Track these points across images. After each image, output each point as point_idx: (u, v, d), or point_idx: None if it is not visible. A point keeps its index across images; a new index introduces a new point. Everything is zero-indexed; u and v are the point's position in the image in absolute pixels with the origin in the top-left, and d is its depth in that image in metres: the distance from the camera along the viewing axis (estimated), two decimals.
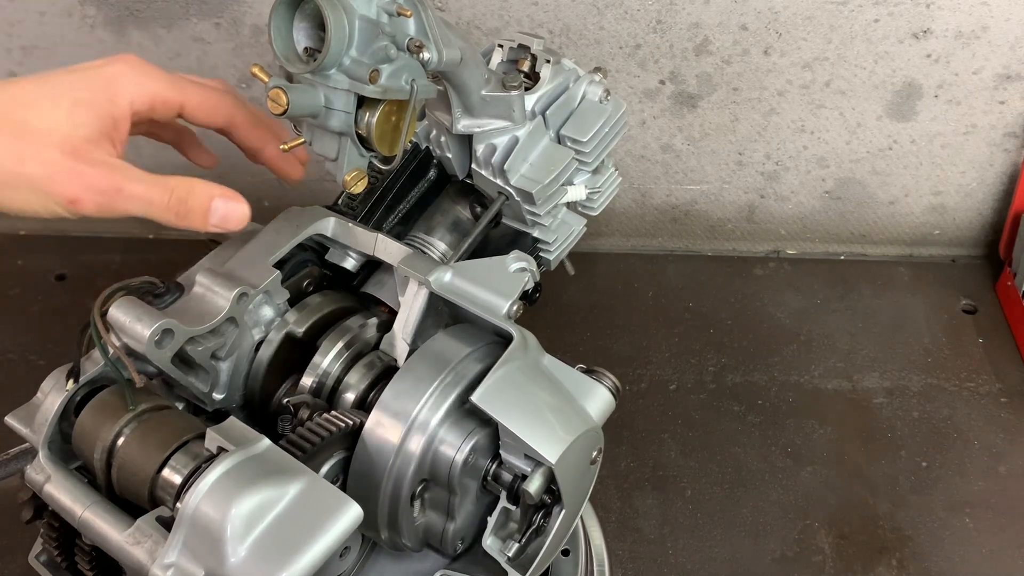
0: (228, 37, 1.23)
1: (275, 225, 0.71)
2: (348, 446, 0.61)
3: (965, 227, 1.35)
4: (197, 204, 0.59)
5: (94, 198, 0.55)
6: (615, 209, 1.36)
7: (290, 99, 0.56)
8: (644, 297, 1.30)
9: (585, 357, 0.67)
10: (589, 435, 0.61)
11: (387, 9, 0.58)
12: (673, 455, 1.07)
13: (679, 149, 1.29)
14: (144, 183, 0.57)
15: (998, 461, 1.06)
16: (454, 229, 0.79)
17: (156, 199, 0.57)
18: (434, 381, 0.60)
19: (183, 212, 0.58)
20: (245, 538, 0.49)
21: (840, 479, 1.04)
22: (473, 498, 0.64)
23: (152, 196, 0.57)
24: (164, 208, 0.58)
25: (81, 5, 1.22)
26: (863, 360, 1.19)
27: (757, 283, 1.32)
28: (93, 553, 0.59)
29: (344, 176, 0.63)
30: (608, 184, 0.81)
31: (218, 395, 0.67)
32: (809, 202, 1.34)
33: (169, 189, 0.58)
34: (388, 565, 0.70)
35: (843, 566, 0.96)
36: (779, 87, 1.21)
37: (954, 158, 1.27)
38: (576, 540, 0.88)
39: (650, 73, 1.21)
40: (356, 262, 0.74)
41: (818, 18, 1.14)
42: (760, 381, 1.16)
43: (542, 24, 1.17)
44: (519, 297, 0.66)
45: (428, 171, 0.79)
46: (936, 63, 1.17)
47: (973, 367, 1.17)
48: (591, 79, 0.78)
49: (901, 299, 1.28)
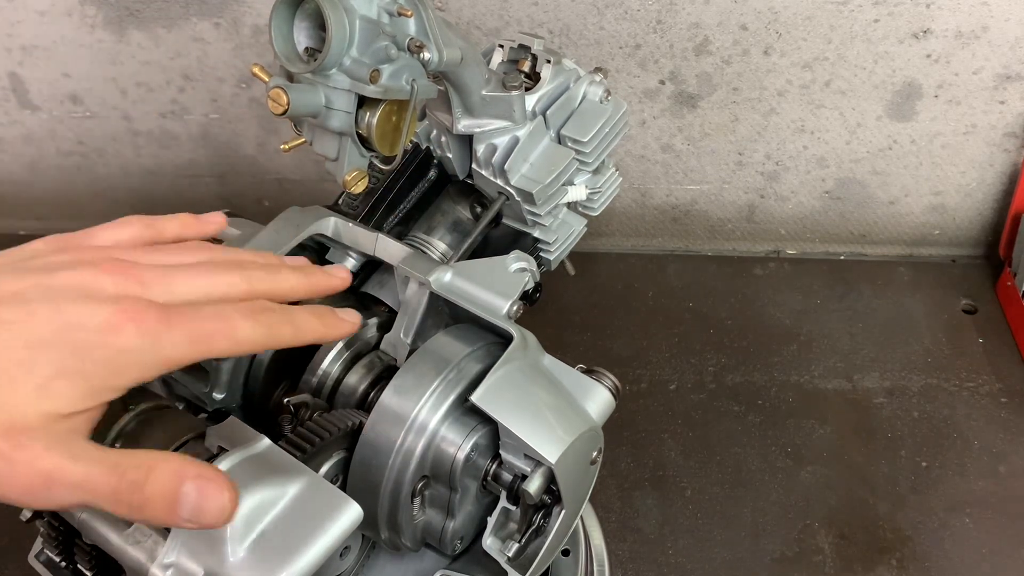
0: (228, 37, 1.23)
1: (275, 225, 0.71)
2: (348, 446, 0.61)
3: (965, 227, 1.35)
4: (159, 491, 0.42)
5: (19, 496, 0.41)
6: (615, 209, 1.36)
7: (291, 99, 0.56)
8: (644, 297, 1.30)
9: (585, 357, 0.67)
10: (589, 435, 0.61)
11: (388, 9, 0.59)
12: (673, 455, 1.07)
13: (679, 149, 1.29)
14: (84, 463, 0.42)
15: (998, 461, 1.06)
16: (454, 229, 0.79)
17: (100, 485, 0.42)
18: (434, 381, 0.60)
19: (138, 503, 0.42)
20: (245, 538, 0.49)
21: (840, 479, 1.04)
22: (473, 498, 0.64)
23: (93, 480, 0.42)
24: (110, 495, 0.42)
25: (81, 5, 1.22)
26: (863, 360, 1.19)
27: (757, 283, 1.32)
28: (93, 553, 0.59)
29: (344, 176, 0.63)
30: (608, 184, 0.81)
31: (218, 395, 0.67)
32: (809, 202, 1.34)
33: (119, 470, 0.42)
34: (388, 565, 0.70)
35: (843, 566, 0.96)
36: (779, 87, 1.21)
37: (954, 158, 1.27)
38: (576, 540, 0.88)
39: (650, 73, 1.21)
40: (356, 262, 0.74)
41: (818, 18, 1.14)
42: (760, 381, 1.16)
43: (542, 24, 1.17)
44: (519, 297, 0.66)
45: (428, 171, 0.79)
46: (936, 63, 1.17)
47: (973, 367, 1.17)
48: (591, 79, 0.78)
49: (901, 299, 1.28)
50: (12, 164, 1.43)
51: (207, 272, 0.49)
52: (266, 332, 0.48)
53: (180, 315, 0.45)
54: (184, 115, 1.33)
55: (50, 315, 0.43)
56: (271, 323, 0.49)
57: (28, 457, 0.41)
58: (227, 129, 1.34)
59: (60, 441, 0.42)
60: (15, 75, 1.31)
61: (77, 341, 0.43)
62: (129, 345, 0.43)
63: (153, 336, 0.44)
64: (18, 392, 0.41)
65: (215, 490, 0.44)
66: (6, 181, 1.45)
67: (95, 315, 0.43)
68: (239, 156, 1.38)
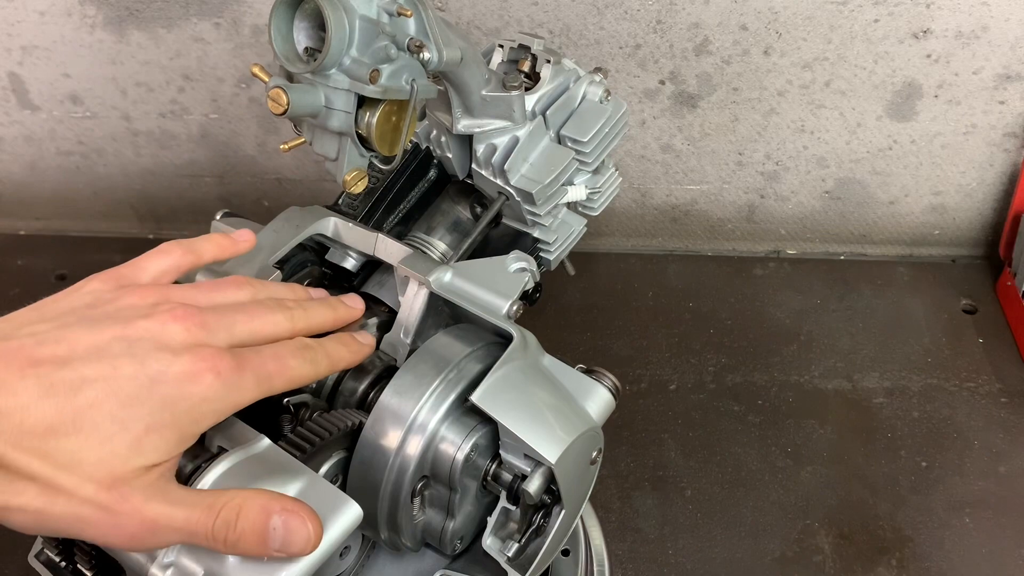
0: (228, 37, 1.23)
1: (275, 225, 0.71)
2: (348, 446, 0.61)
3: (965, 227, 1.35)
4: (250, 527, 0.46)
5: (126, 543, 0.46)
6: (615, 209, 1.36)
7: (290, 99, 0.56)
8: (644, 297, 1.30)
9: (585, 357, 0.67)
10: (589, 435, 0.61)
11: (387, 9, 0.59)
12: (673, 455, 1.07)
13: (679, 149, 1.29)
14: (183, 507, 0.46)
15: (998, 461, 1.06)
16: (454, 229, 0.79)
17: (198, 526, 0.46)
18: (434, 381, 0.60)
19: (233, 539, 0.46)
20: None
21: (840, 479, 1.04)
22: (473, 498, 0.64)
23: (193, 523, 0.46)
24: (208, 535, 0.46)
25: (81, 5, 1.22)
26: (863, 360, 1.19)
27: (757, 283, 1.32)
28: (93, 553, 0.59)
29: (344, 176, 0.63)
30: (608, 184, 0.81)
31: None
32: (809, 202, 1.34)
33: (214, 511, 0.46)
34: (388, 565, 0.70)
35: (843, 566, 0.96)
36: (779, 87, 1.21)
37: (954, 158, 1.27)
38: (576, 540, 0.88)
39: (650, 73, 1.21)
40: (356, 262, 0.74)
41: (818, 18, 1.14)
42: (760, 381, 1.16)
43: (542, 24, 1.17)
44: (519, 297, 0.66)
45: (428, 171, 0.79)
46: (936, 63, 1.17)
47: (973, 367, 1.17)
48: (591, 79, 0.78)
49: (901, 299, 1.28)
50: (12, 164, 1.43)
51: (257, 313, 0.54)
52: (312, 368, 0.55)
53: (248, 360, 0.50)
54: (184, 115, 1.33)
55: (135, 370, 0.46)
56: (314, 359, 0.55)
57: (132, 509, 0.45)
58: (227, 129, 1.34)
59: (158, 490, 0.46)
60: (15, 75, 1.31)
61: (162, 394, 0.46)
62: (209, 393, 0.47)
63: (229, 383, 0.48)
64: (115, 449, 0.44)
65: (298, 523, 0.47)
66: (6, 181, 1.45)
67: (177, 366, 0.47)
68: (239, 156, 1.38)
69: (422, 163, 0.78)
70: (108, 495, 0.44)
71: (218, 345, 0.49)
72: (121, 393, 0.45)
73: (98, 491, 0.43)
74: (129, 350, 0.46)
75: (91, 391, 0.44)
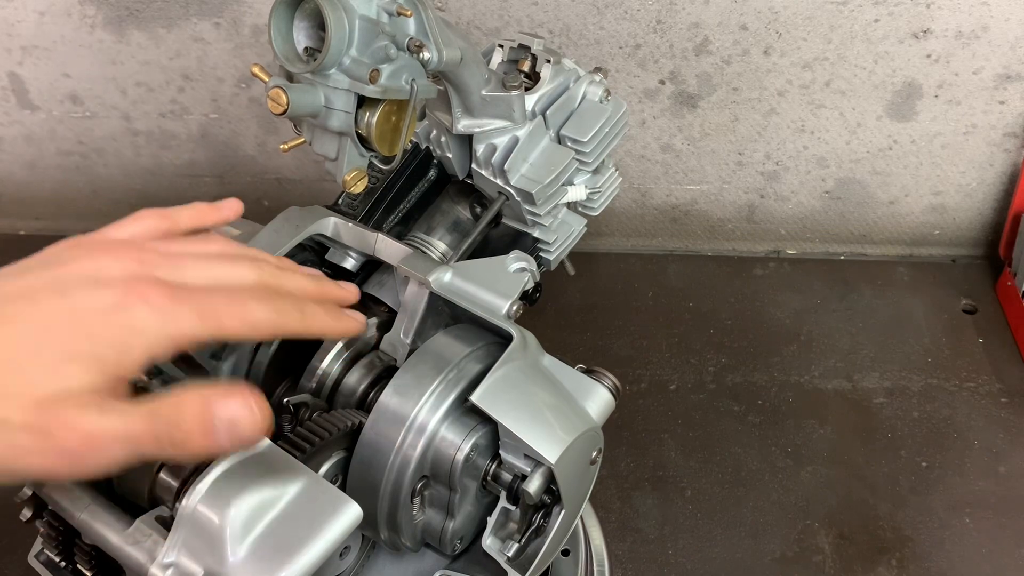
0: (228, 37, 1.23)
1: (275, 225, 0.71)
2: (347, 446, 0.61)
3: (965, 227, 1.35)
4: (191, 424, 0.43)
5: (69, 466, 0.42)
6: (615, 209, 1.36)
7: (290, 99, 0.56)
8: (644, 297, 1.30)
9: (585, 357, 0.67)
10: (589, 435, 0.61)
11: (387, 9, 0.59)
12: (673, 455, 1.07)
13: (679, 149, 1.29)
14: (121, 415, 0.43)
15: (998, 461, 1.06)
16: (454, 229, 0.79)
17: (141, 433, 0.43)
18: (434, 381, 0.60)
19: (180, 439, 0.43)
20: (244, 538, 0.49)
21: (840, 479, 1.04)
22: (473, 498, 0.64)
23: (134, 430, 0.43)
24: (153, 440, 0.43)
25: (81, 5, 1.22)
26: (863, 360, 1.19)
27: (757, 283, 1.32)
28: (93, 553, 0.59)
29: (344, 176, 0.63)
30: (608, 184, 0.81)
31: None
32: (809, 202, 1.34)
33: (153, 413, 0.43)
34: (388, 565, 0.70)
35: (843, 566, 0.96)
36: (779, 87, 1.21)
37: (954, 158, 1.27)
38: (576, 540, 0.88)
39: (650, 73, 1.21)
40: (356, 262, 0.74)
41: (818, 18, 1.14)
42: (760, 381, 1.16)
43: (542, 24, 1.17)
44: (519, 297, 0.66)
45: (428, 171, 0.79)
46: (936, 63, 1.17)
47: (973, 367, 1.17)
48: (591, 79, 0.78)
49: (901, 299, 1.28)
50: (12, 164, 1.43)
51: (218, 261, 0.50)
52: (277, 317, 0.49)
53: (191, 294, 0.46)
54: (184, 115, 1.33)
55: (56, 304, 0.44)
56: (281, 308, 0.49)
57: (66, 424, 0.41)
58: (227, 129, 1.34)
59: (94, 405, 0.42)
60: (15, 75, 1.31)
61: (85, 324, 0.43)
62: (137, 322, 0.44)
63: (161, 312, 0.44)
64: (32, 378, 0.42)
65: (238, 405, 0.44)
66: (6, 181, 1.45)
67: (103, 297, 0.44)
68: (239, 156, 1.38)
69: (422, 163, 0.78)
70: (38, 416, 0.41)
71: (156, 277, 0.46)
72: (37, 326, 0.43)
73: (26, 414, 0.41)
74: (54, 286, 0.45)
75: (8, 328, 0.43)
